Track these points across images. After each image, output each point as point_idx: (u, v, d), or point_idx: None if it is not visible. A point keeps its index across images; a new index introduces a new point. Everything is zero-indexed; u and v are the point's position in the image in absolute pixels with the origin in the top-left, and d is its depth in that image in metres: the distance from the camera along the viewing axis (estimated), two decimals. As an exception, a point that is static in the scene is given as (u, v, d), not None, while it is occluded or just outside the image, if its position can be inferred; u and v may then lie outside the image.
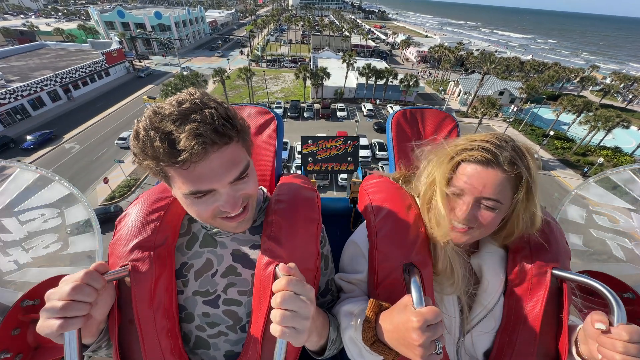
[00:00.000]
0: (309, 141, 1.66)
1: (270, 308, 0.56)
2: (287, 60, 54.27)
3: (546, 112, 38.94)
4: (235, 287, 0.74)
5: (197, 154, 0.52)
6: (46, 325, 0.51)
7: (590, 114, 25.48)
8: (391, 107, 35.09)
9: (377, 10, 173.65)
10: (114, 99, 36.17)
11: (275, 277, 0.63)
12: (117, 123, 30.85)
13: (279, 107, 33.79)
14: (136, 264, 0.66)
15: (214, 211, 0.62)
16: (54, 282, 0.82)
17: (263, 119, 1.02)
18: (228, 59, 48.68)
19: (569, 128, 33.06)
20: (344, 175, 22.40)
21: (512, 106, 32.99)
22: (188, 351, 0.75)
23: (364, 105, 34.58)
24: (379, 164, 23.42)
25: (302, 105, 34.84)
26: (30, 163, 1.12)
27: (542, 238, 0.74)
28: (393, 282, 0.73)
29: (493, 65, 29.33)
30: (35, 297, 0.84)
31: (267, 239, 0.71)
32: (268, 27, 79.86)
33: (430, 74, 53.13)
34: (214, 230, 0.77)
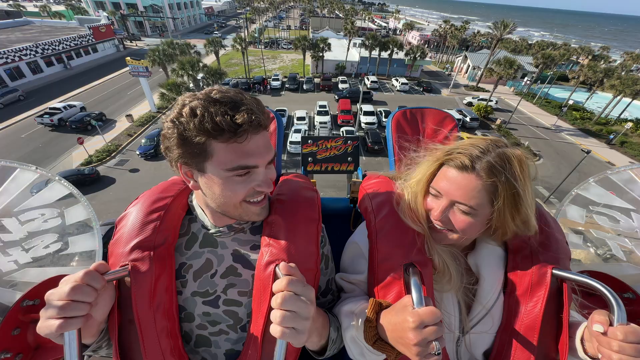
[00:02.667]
0: (309, 141, 1.65)
1: (270, 308, 0.56)
2: (285, 42, 52.15)
3: (557, 92, 37.07)
4: (235, 287, 0.73)
5: (255, 127, 0.58)
6: (46, 325, 0.51)
7: (614, 79, 23.40)
8: (396, 80, 33.00)
9: (376, 3, 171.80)
10: (98, 75, 33.90)
11: (275, 277, 0.64)
12: (100, 95, 28.76)
13: (277, 80, 31.68)
14: (136, 264, 0.65)
15: (249, 192, 0.64)
16: (54, 282, 0.82)
17: None
18: (224, 38, 46.44)
19: (584, 103, 31.21)
20: (349, 129, 20.32)
21: (526, 79, 30.99)
22: (190, 350, 0.75)
23: (367, 78, 32.46)
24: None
25: (300, 79, 32.74)
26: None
27: (542, 238, 0.74)
28: (393, 282, 0.72)
29: (507, 30, 27.03)
30: (35, 297, 0.84)
31: (267, 239, 0.71)
32: (266, 15, 77.61)
33: (436, 54, 51.11)
34: (212, 230, 0.75)
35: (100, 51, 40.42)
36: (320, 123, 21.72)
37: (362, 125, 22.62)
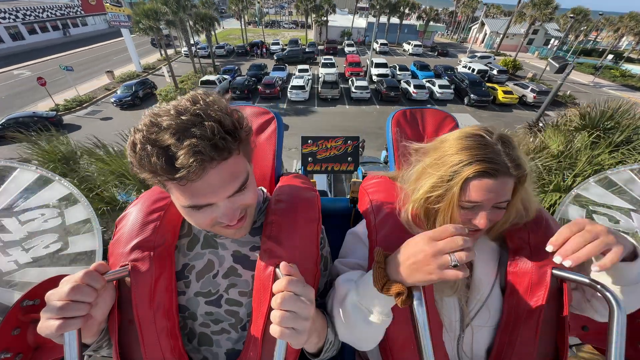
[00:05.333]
0: (309, 141, 1.63)
1: (270, 308, 0.56)
2: (285, 22, 49.62)
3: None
4: (236, 287, 0.73)
5: (194, 172, 0.49)
6: (46, 325, 0.51)
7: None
8: (407, 43, 30.05)
9: None
10: (83, 45, 31.50)
11: (275, 277, 0.64)
12: (82, 59, 26.35)
13: (277, 44, 28.95)
14: (136, 264, 0.65)
15: (213, 221, 0.60)
16: (54, 282, 0.82)
17: (263, 119, 1.01)
18: (222, 16, 44.05)
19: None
20: (361, 83, 17.38)
21: (553, 40, 27.90)
22: (192, 348, 0.75)
23: (376, 41, 29.58)
24: (402, 83, 18.58)
25: (302, 46, 30.00)
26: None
27: (542, 238, 0.73)
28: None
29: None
30: (35, 297, 0.84)
31: (267, 240, 0.70)
32: (267, 2, 75.49)
33: (446, 32, 48.20)
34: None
35: (90, 25, 38.12)
36: (327, 74, 18.98)
37: (374, 78, 19.77)
